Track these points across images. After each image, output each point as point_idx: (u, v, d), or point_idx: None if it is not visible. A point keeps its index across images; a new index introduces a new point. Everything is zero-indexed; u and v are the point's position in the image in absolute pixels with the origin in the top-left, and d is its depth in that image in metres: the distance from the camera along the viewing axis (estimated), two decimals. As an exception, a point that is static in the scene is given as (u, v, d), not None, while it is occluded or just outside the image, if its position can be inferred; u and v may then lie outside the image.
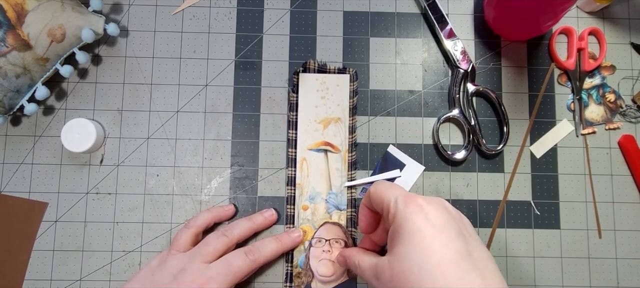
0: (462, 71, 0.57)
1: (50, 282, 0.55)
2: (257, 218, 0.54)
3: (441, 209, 0.39)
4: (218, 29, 0.59)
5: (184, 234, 0.51)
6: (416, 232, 0.37)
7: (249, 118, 0.58)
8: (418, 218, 0.38)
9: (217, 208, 0.55)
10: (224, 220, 0.55)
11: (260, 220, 0.53)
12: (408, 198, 0.40)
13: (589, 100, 0.59)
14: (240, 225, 0.52)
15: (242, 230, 0.52)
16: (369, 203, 0.46)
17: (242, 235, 0.52)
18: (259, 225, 0.54)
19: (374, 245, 0.50)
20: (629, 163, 0.58)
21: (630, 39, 0.60)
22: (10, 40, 0.50)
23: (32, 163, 0.57)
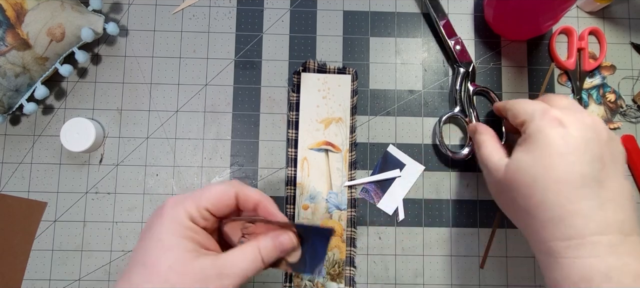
0: (463, 70, 0.57)
1: (49, 281, 0.55)
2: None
3: (584, 128, 0.37)
4: (218, 28, 0.59)
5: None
6: (546, 146, 0.37)
7: (249, 118, 0.58)
8: (552, 133, 0.37)
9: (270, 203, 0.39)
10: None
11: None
12: (546, 111, 0.38)
13: (589, 100, 0.59)
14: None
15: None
16: (503, 112, 0.46)
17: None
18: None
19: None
20: (629, 163, 0.58)
21: (630, 39, 0.60)
22: (10, 39, 0.50)
23: (31, 162, 0.57)
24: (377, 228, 0.56)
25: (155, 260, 0.33)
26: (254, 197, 0.38)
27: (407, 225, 0.56)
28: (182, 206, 0.35)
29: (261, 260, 0.36)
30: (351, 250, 0.56)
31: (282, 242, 0.37)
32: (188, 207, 0.35)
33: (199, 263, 0.33)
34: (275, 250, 0.37)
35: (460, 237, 0.56)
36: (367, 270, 0.56)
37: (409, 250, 0.56)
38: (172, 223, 0.34)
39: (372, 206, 0.57)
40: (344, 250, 0.56)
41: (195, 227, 0.35)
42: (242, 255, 0.35)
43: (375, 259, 0.56)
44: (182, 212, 0.35)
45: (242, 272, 0.35)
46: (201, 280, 0.33)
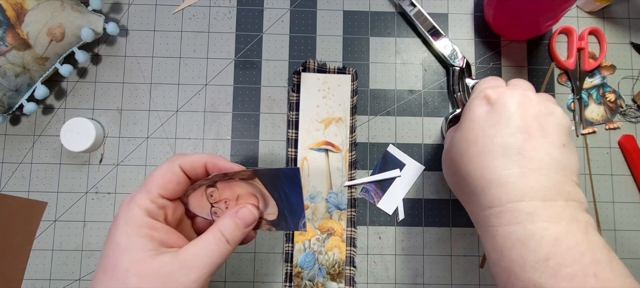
0: (458, 69, 0.57)
1: (49, 281, 0.55)
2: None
3: (509, 103, 0.37)
4: (218, 28, 0.59)
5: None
6: (470, 122, 0.39)
7: (249, 117, 0.58)
8: (477, 110, 0.39)
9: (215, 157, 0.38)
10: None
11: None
12: (481, 90, 0.40)
13: (589, 100, 0.59)
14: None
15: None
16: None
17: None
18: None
19: None
20: (629, 163, 0.58)
21: (630, 38, 0.60)
22: (10, 39, 0.50)
23: (31, 162, 0.57)
24: (377, 228, 0.56)
25: (113, 265, 0.32)
26: (198, 160, 0.36)
27: (407, 225, 0.56)
28: (134, 203, 0.33)
29: (226, 241, 0.34)
30: (351, 250, 0.56)
31: (243, 218, 0.36)
32: (140, 202, 0.33)
33: (158, 261, 0.32)
34: (237, 228, 0.35)
35: (460, 237, 0.56)
36: (367, 270, 0.56)
37: (409, 250, 0.56)
38: (126, 224, 0.33)
39: (372, 206, 0.57)
40: (344, 250, 0.56)
41: (153, 223, 0.33)
42: (204, 244, 0.34)
43: (375, 259, 0.56)
44: (135, 209, 0.33)
45: (208, 261, 0.33)
46: (163, 277, 0.32)
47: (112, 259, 0.32)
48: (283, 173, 0.35)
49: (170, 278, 0.32)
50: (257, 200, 0.37)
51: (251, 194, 0.37)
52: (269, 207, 0.37)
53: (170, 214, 0.36)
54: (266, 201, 0.37)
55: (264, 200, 0.37)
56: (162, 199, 0.34)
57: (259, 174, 0.36)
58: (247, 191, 0.37)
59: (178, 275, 0.32)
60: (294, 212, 0.37)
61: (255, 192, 0.37)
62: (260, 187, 0.36)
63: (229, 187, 0.37)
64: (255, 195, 0.37)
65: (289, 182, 0.35)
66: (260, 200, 0.37)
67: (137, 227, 0.33)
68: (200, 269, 0.33)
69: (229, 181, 0.36)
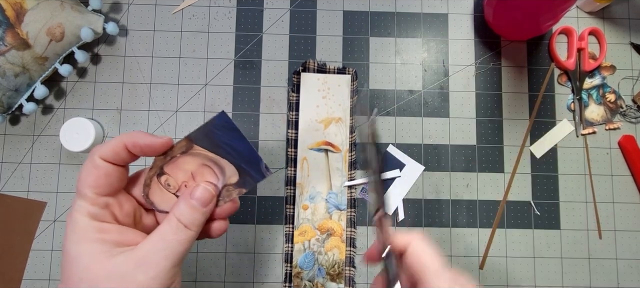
0: None
1: (48, 281, 0.55)
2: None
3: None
4: (217, 28, 0.59)
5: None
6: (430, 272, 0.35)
7: (249, 117, 0.58)
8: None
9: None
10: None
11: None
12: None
13: (589, 100, 0.59)
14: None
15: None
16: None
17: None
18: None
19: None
20: (629, 164, 0.58)
21: (630, 39, 0.60)
22: (9, 39, 0.50)
23: (30, 162, 0.57)
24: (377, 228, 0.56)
25: (68, 276, 0.30)
26: (117, 144, 0.32)
27: (407, 225, 0.56)
28: (75, 211, 0.31)
29: (184, 227, 0.32)
30: (351, 250, 0.56)
31: (199, 197, 0.33)
32: (80, 208, 0.31)
33: (112, 262, 0.30)
34: (194, 210, 0.32)
35: (460, 237, 0.56)
36: (367, 270, 0.56)
37: (409, 250, 0.56)
38: (73, 233, 0.31)
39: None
40: (343, 250, 0.56)
41: (101, 226, 0.31)
42: (160, 235, 0.31)
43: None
44: (77, 216, 0.31)
45: (167, 253, 0.31)
46: (119, 278, 0.29)
47: (67, 271, 0.30)
48: (212, 124, 0.32)
49: (127, 279, 0.29)
50: (211, 170, 0.34)
51: (203, 165, 0.34)
52: (226, 170, 0.34)
53: (119, 211, 0.33)
54: (220, 165, 0.34)
55: (218, 166, 0.34)
56: (102, 198, 0.32)
57: (193, 139, 0.33)
58: (197, 164, 0.34)
59: (136, 273, 0.30)
60: (249, 160, 0.33)
61: (205, 160, 0.34)
62: (206, 152, 0.34)
63: (178, 167, 0.34)
64: (206, 165, 0.34)
65: (225, 131, 0.33)
66: (215, 167, 0.34)
67: (84, 233, 0.30)
68: (160, 264, 0.30)
69: (172, 161, 0.34)
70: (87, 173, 0.32)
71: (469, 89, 0.59)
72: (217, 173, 0.35)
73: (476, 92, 0.59)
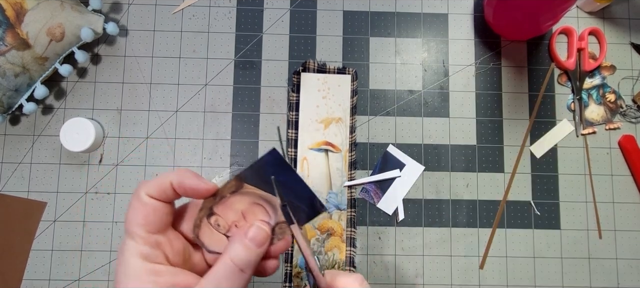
0: None
1: (48, 281, 0.55)
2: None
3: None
4: (217, 28, 0.59)
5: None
6: None
7: (249, 118, 0.58)
8: None
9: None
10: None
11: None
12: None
13: (589, 100, 0.59)
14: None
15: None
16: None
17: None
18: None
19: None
20: (629, 164, 0.58)
21: (630, 39, 0.60)
22: (9, 39, 0.50)
23: (30, 162, 0.57)
24: (377, 228, 0.56)
25: None
26: (163, 182, 0.31)
27: (407, 225, 0.56)
28: (128, 252, 0.30)
29: (239, 271, 0.31)
30: (351, 250, 0.56)
31: (253, 238, 0.31)
32: (132, 249, 0.30)
33: None
34: (249, 251, 0.31)
35: (460, 237, 0.56)
36: (367, 270, 0.56)
37: (409, 250, 0.56)
38: (126, 276, 0.30)
39: (372, 206, 0.57)
40: (344, 250, 0.56)
41: (154, 268, 0.30)
42: (213, 278, 0.30)
43: (375, 259, 0.56)
44: (130, 258, 0.30)
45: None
46: None
47: None
48: (264, 162, 0.31)
49: None
50: (263, 208, 0.33)
51: (254, 204, 0.33)
52: (278, 207, 0.33)
53: (170, 250, 0.32)
54: (272, 203, 0.33)
55: (270, 204, 0.33)
56: (152, 236, 0.31)
57: (243, 178, 0.32)
58: (247, 203, 0.33)
59: None
60: (302, 196, 0.32)
61: (256, 199, 0.33)
62: (256, 191, 0.32)
63: (228, 207, 0.33)
64: (257, 204, 0.33)
65: (276, 168, 0.31)
66: (266, 205, 0.33)
67: (137, 276, 0.30)
68: None
69: (222, 201, 0.33)
70: (134, 212, 0.31)
71: (469, 89, 0.59)
72: (269, 211, 0.33)
73: (476, 92, 0.59)
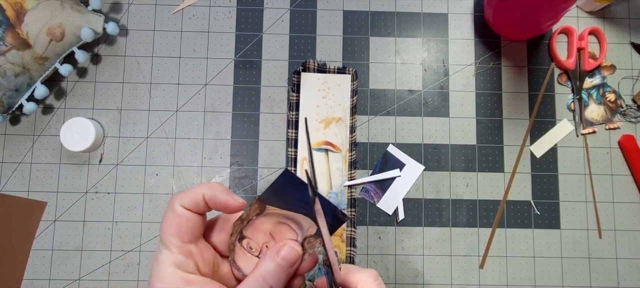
0: None
1: (49, 281, 0.55)
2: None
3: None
4: (218, 28, 0.59)
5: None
6: None
7: (249, 117, 0.58)
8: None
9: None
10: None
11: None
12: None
13: (589, 100, 0.59)
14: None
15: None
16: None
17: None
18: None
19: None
20: (629, 164, 0.58)
21: (630, 38, 0.60)
22: (10, 39, 0.50)
23: (31, 162, 0.57)
24: (377, 228, 0.56)
25: None
26: (196, 194, 0.32)
27: (407, 225, 0.56)
28: (162, 261, 0.31)
29: (269, 287, 0.32)
30: (351, 250, 0.56)
31: (285, 257, 0.32)
32: (166, 258, 0.31)
33: None
34: (281, 270, 0.32)
35: (460, 237, 0.56)
36: (367, 270, 0.56)
37: (409, 250, 0.56)
38: (160, 281, 0.31)
39: (372, 206, 0.57)
40: (344, 250, 0.56)
41: (187, 277, 0.31)
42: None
43: (375, 259, 0.56)
44: (165, 267, 0.31)
45: None
46: None
47: None
48: (279, 183, 0.32)
49: None
50: (289, 227, 0.34)
51: (279, 223, 0.34)
52: (302, 223, 0.33)
53: (201, 260, 0.33)
54: (296, 220, 0.33)
55: (294, 221, 0.34)
56: (185, 245, 0.32)
57: (264, 200, 0.33)
58: (273, 223, 0.34)
59: None
60: (324, 209, 0.33)
61: (280, 218, 0.34)
62: (279, 211, 0.33)
63: (256, 229, 0.34)
64: (283, 223, 0.34)
65: (293, 187, 0.32)
66: (291, 223, 0.34)
67: (171, 284, 0.31)
68: None
69: (250, 224, 0.34)
70: (169, 222, 0.32)
71: (469, 88, 0.59)
72: (294, 228, 0.34)
73: (476, 91, 0.59)
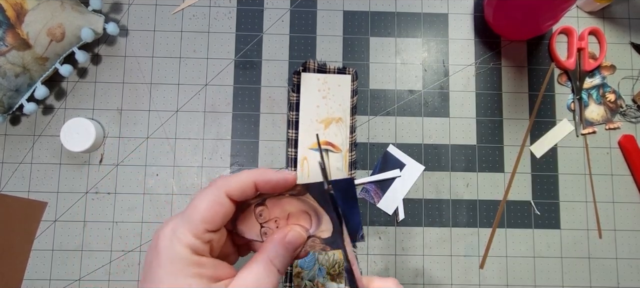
0: None
1: (49, 281, 0.55)
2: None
3: None
4: (218, 28, 0.59)
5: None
6: None
7: (249, 117, 0.58)
8: None
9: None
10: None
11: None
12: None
13: (589, 100, 0.59)
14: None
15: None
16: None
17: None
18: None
19: None
20: (629, 164, 0.58)
21: (630, 38, 0.60)
22: (10, 39, 0.50)
23: (31, 162, 0.57)
24: (377, 228, 0.56)
25: None
26: (246, 181, 0.31)
27: (407, 225, 0.56)
28: (177, 240, 0.30)
29: (277, 272, 0.31)
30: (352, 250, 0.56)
31: (292, 242, 0.32)
32: (184, 239, 0.30)
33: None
34: (287, 254, 0.32)
35: (460, 237, 0.56)
36: (367, 270, 0.56)
37: (409, 250, 0.56)
38: (171, 263, 0.29)
39: (372, 206, 0.57)
40: (344, 250, 0.56)
41: (199, 260, 0.30)
42: (255, 277, 0.31)
43: (375, 259, 0.56)
44: (179, 247, 0.30)
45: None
46: None
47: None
48: (336, 185, 0.31)
49: None
50: (309, 218, 0.33)
51: (303, 212, 0.33)
52: (322, 223, 0.33)
53: (216, 246, 0.32)
54: (319, 218, 0.33)
55: (317, 217, 0.33)
56: (208, 234, 0.31)
57: (311, 189, 0.32)
58: (298, 208, 0.33)
59: None
60: (350, 226, 0.33)
61: (307, 208, 0.33)
62: (313, 202, 0.33)
63: (279, 205, 0.33)
64: (307, 213, 0.33)
65: (343, 194, 0.32)
66: (313, 217, 0.33)
67: (184, 267, 0.29)
68: None
69: (278, 198, 0.33)
70: (208, 208, 0.30)
71: (469, 88, 0.59)
72: (313, 223, 0.34)
73: (476, 92, 0.59)
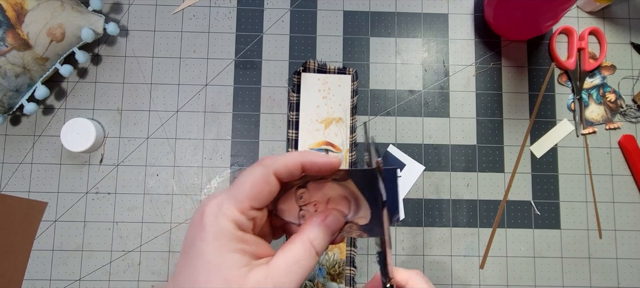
0: None
1: (49, 281, 0.55)
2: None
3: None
4: (218, 28, 0.59)
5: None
6: None
7: (249, 118, 0.58)
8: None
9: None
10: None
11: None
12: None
13: (589, 100, 0.59)
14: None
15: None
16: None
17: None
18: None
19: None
20: (629, 163, 0.58)
21: (630, 39, 0.60)
22: (10, 40, 0.50)
23: (31, 162, 0.57)
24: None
25: (204, 280, 0.29)
26: (294, 162, 0.32)
27: (407, 225, 0.56)
28: (223, 215, 0.30)
29: (315, 253, 0.32)
30: (351, 250, 0.56)
31: (330, 225, 0.33)
32: (230, 214, 0.30)
33: (252, 278, 0.29)
34: (326, 237, 0.33)
35: (460, 237, 0.57)
36: (367, 270, 0.56)
37: (409, 250, 0.56)
38: (216, 238, 0.29)
39: (372, 206, 0.57)
40: (344, 250, 0.56)
41: (243, 236, 0.30)
42: (294, 256, 0.31)
43: (376, 259, 0.56)
44: (224, 222, 0.30)
45: (299, 275, 0.31)
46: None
47: (203, 276, 0.29)
48: (380, 173, 0.32)
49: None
50: (348, 204, 0.34)
51: (343, 197, 0.34)
52: (361, 210, 0.34)
53: (258, 224, 0.32)
54: (358, 204, 0.34)
55: (356, 204, 0.34)
56: (253, 211, 0.31)
57: (353, 175, 0.33)
58: (338, 193, 0.34)
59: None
60: (390, 207, 0.33)
61: (348, 194, 0.34)
62: (354, 189, 0.33)
63: (320, 188, 0.34)
64: (346, 198, 0.34)
65: (387, 182, 0.32)
66: (353, 203, 0.34)
67: (229, 242, 0.29)
68: (293, 284, 0.30)
69: (320, 181, 0.34)
70: (254, 185, 0.31)
71: (469, 88, 0.59)
72: (351, 208, 0.34)
73: (476, 92, 0.59)
